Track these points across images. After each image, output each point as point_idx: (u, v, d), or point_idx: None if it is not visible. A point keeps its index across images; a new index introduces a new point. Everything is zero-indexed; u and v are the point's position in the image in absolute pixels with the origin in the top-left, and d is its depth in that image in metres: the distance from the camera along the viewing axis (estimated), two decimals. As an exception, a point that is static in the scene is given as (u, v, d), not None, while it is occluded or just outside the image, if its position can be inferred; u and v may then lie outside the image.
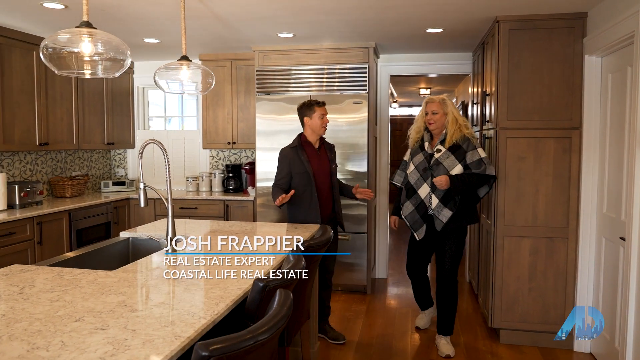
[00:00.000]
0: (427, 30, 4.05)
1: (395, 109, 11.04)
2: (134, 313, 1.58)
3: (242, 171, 5.41)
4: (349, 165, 4.60)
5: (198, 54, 5.13)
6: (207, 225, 3.43)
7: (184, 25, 2.90)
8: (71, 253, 2.57)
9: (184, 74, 2.82)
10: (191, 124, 5.98)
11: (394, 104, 10.45)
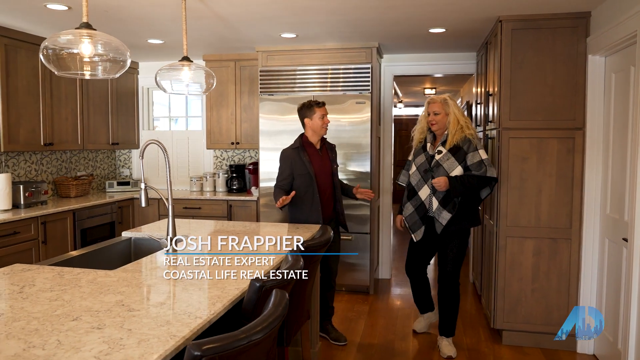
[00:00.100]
0: (430, 30, 4.04)
1: (401, 109, 11.01)
2: (131, 312, 1.58)
3: (246, 171, 5.42)
4: (352, 166, 4.59)
5: (202, 55, 5.15)
6: (210, 225, 3.44)
7: (185, 26, 2.91)
8: (73, 252, 2.59)
9: (185, 75, 2.84)
10: (196, 124, 6.00)
11: (399, 104, 10.43)
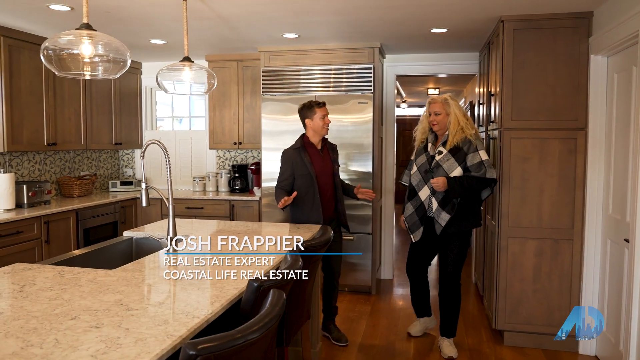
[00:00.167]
0: (432, 30, 4.03)
1: (404, 109, 11.00)
2: (130, 312, 1.59)
3: (248, 171, 5.43)
4: (354, 166, 4.59)
5: (204, 55, 5.16)
6: (212, 225, 3.45)
7: (186, 27, 2.92)
8: (75, 252, 2.60)
9: (186, 75, 2.85)
10: (200, 124, 6.01)
11: (403, 104, 10.41)
